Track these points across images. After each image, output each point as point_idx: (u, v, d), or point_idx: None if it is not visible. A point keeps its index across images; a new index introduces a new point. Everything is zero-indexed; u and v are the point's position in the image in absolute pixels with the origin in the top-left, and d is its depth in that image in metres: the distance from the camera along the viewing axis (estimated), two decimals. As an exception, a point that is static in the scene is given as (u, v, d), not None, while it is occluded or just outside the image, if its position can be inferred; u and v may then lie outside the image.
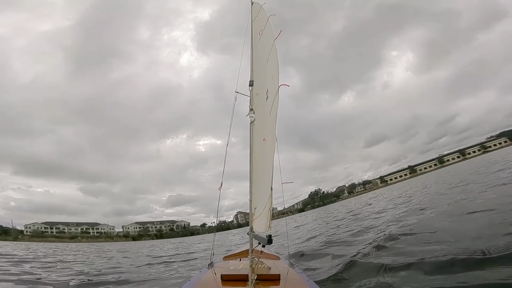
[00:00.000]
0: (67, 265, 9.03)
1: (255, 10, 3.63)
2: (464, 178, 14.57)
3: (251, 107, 3.02)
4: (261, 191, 2.68)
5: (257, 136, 2.89)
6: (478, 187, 8.68)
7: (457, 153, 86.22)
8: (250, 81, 3.18)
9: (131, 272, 6.79)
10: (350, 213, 16.00)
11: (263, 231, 2.57)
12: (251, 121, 2.92)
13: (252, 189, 2.85)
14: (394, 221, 6.90)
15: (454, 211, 5.86)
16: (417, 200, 11.07)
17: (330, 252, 5.06)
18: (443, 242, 3.64)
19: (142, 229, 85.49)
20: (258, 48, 3.35)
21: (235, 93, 3.34)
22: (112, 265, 8.77)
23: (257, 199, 2.79)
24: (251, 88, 3.15)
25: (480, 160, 35.67)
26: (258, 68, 3.23)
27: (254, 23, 3.57)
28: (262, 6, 3.45)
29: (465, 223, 4.54)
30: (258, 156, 2.88)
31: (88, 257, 13.36)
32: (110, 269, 7.49)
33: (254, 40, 3.44)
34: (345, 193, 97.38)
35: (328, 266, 4.04)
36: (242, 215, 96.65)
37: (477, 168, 19.74)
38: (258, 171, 2.83)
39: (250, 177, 2.85)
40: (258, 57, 3.30)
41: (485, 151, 76.22)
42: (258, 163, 2.87)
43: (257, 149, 2.90)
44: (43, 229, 71.67)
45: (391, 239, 4.64)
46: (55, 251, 18.28)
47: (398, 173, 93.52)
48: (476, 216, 4.71)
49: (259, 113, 2.95)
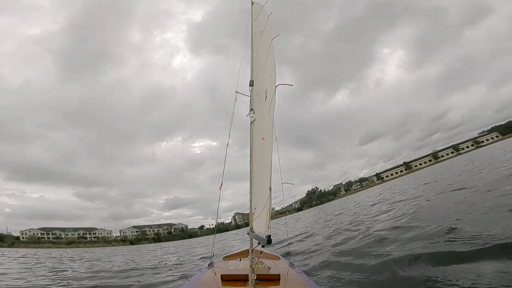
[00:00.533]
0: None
1: (255, 11, 3.63)
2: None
3: (251, 107, 3.02)
4: (260, 191, 2.73)
5: (257, 136, 2.92)
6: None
7: (450, 149, 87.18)
8: (250, 81, 3.18)
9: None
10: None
11: (262, 231, 2.62)
12: (251, 121, 2.92)
13: (252, 189, 2.84)
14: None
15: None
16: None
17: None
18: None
19: (140, 233, 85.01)
20: (258, 49, 3.37)
21: (235, 93, 3.34)
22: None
23: (256, 199, 2.81)
24: (251, 88, 3.15)
25: (482, 152, 34.37)
26: (258, 68, 3.25)
27: (254, 23, 3.57)
28: (263, 7, 3.50)
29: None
30: (257, 156, 2.90)
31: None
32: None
33: (254, 41, 3.45)
34: (342, 191, 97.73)
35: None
36: (240, 216, 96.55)
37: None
38: (257, 171, 2.85)
39: (250, 177, 2.85)
40: (257, 57, 3.32)
41: (478, 146, 77.24)
42: (257, 163, 2.88)
43: (256, 149, 2.92)
44: (40, 235, 70.78)
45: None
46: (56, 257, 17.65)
47: (394, 169, 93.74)
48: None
49: (259, 113, 2.98)
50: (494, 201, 4.83)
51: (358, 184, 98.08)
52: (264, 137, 2.74)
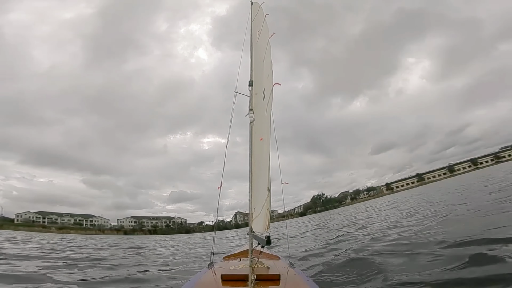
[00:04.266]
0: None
1: (254, 10, 3.64)
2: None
3: (250, 107, 3.06)
4: (260, 191, 2.77)
5: (256, 136, 2.96)
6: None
7: (468, 163, 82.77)
8: (250, 81, 3.21)
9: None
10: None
11: (261, 231, 2.64)
12: (250, 121, 2.96)
13: (251, 189, 2.88)
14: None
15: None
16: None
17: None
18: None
19: (137, 223, 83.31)
20: (256, 48, 3.39)
21: (234, 93, 3.36)
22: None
23: (256, 199, 2.83)
24: (250, 88, 3.18)
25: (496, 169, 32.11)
26: (256, 68, 3.28)
27: (253, 23, 3.58)
28: (261, 6, 3.49)
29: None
30: (257, 156, 2.93)
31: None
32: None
33: (253, 40, 3.48)
34: (348, 199, 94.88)
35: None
36: (241, 216, 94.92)
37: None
38: (257, 172, 2.88)
39: (250, 177, 2.88)
40: (256, 57, 3.35)
41: (498, 161, 72.75)
42: (256, 163, 2.92)
43: (256, 149, 2.95)
44: (35, 219, 69.54)
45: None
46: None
47: (405, 180, 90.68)
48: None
49: (258, 113, 3.01)
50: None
51: (365, 193, 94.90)
52: (263, 137, 2.80)
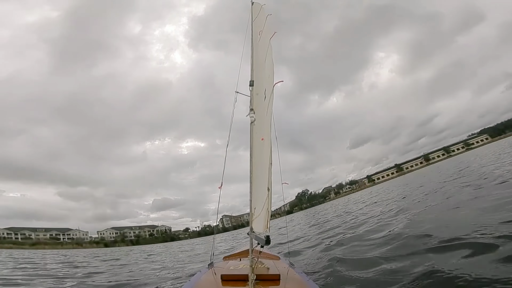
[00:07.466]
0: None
1: (255, 11, 3.67)
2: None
3: (251, 107, 3.05)
4: (260, 191, 2.76)
5: (256, 136, 2.95)
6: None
7: (441, 151, 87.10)
8: (251, 81, 3.22)
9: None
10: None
11: (261, 231, 2.64)
12: (251, 121, 2.95)
13: (252, 189, 2.87)
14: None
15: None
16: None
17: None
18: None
19: (119, 234, 79.66)
20: (257, 48, 3.41)
21: (235, 93, 3.37)
22: None
23: (256, 199, 2.83)
24: (251, 88, 3.19)
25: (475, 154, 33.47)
26: (257, 68, 3.29)
27: (254, 23, 3.61)
28: (262, 7, 3.54)
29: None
30: (256, 156, 2.92)
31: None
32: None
33: (254, 41, 3.48)
34: (332, 194, 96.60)
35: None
36: (228, 219, 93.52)
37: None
38: (257, 172, 2.87)
39: (250, 178, 2.87)
40: (257, 57, 3.36)
41: (469, 148, 77.08)
42: (256, 163, 2.91)
43: (256, 149, 2.94)
44: (6, 235, 64.48)
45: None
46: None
47: (385, 171, 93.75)
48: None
49: (258, 113, 3.00)
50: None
51: (348, 187, 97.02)
52: (263, 137, 2.81)
